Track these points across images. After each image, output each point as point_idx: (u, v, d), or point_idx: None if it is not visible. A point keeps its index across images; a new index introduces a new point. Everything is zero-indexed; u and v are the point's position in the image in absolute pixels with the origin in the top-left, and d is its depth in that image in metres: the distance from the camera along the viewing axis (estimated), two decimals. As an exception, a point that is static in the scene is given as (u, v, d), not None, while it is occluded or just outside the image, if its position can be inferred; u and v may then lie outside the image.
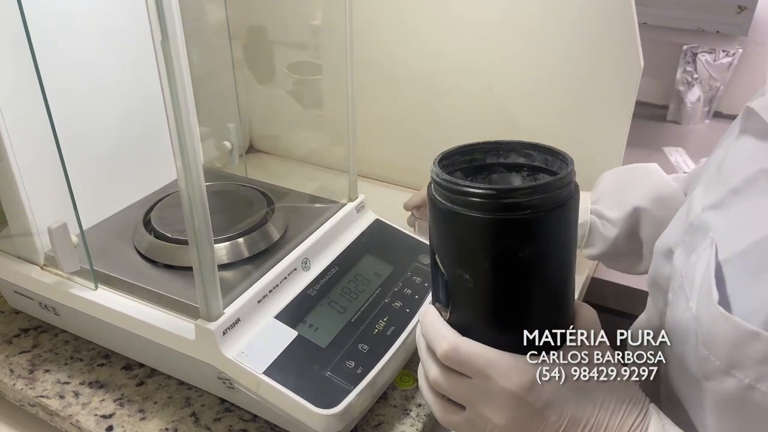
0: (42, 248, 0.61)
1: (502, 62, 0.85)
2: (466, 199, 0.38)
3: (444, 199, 0.40)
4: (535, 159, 0.44)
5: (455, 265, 0.41)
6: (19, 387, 0.59)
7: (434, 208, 0.41)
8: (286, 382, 0.51)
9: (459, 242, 0.41)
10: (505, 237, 0.39)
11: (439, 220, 0.41)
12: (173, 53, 0.40)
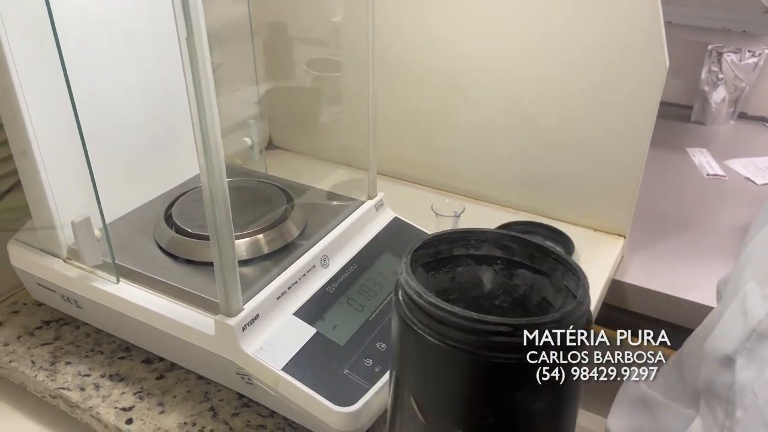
0: (65, 241, 0.61)
1: (523, 60, 0.85)
2: (470, 338, 0.29)
3: (433, 331, 0.31)
4: (515, 253, 0.37)
5: (444, 417, 0.32)
6: (40, 379, 0.60)
7: (415, 338, 0.32)
8: (305, 379, 0.51)
9: (456, 390, 0.32)
10: (525, 384, 0.30)
11: (425, 357, 0.32)
12: (198, 49, 0.40)
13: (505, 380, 0.31)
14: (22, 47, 0.54)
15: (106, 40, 0.63)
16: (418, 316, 0.31)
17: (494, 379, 0.31)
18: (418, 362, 0.33)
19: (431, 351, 0.31)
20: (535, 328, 0.30)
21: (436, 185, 1.00)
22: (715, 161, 1.19)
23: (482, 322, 0.30)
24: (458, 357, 0.30)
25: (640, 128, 0.81)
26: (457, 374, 0.31)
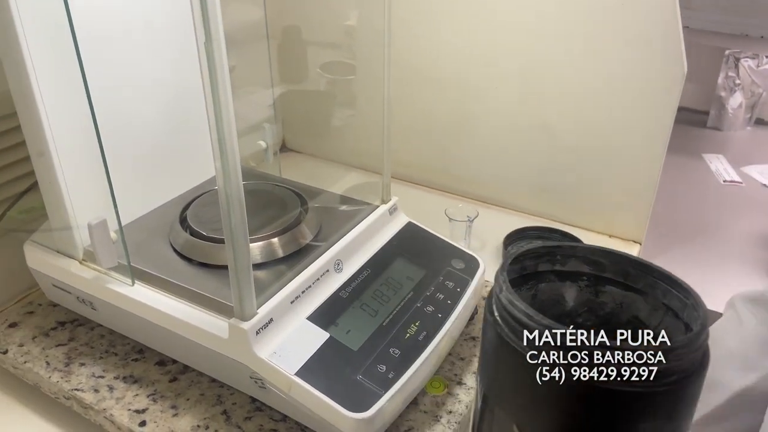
0: (81, 243, 0.62)
1: (541, 65, 0.84)
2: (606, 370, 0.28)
3: (543, 358, 0.29)
4: (606, 269, 0.36)
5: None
6: (54, 380, 0.60)
7: (525, 367, 0.30)
8: (318, 384, 0.51)
9: (576, 419, 0.30)
10: (649, 414, 0.29)
11: (537, 387, 0.30)
12: (216, 54, 0.40)
13: (629, 410, 0.29)
14: (41, 49, 0.54)
15: (123, 42, 0.63)
16: (522, 330, 0.30)
17: (620, 409, 0.29)
18: (526, 391, 0.31)
19: (542, 382, 0.30)
20: (662, 350, 0.28)
21: (450, 189, 0.99)
22: (731, 167, 1.18)
23: (614, 349, 0.28)
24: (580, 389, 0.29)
25: (657, 134, 0.80)
26: (578, 406, 0.30)
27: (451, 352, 0.63)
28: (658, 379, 0.28)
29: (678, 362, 0.29)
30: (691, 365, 0.29)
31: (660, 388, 0.28)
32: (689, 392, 0.29)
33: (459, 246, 0.69)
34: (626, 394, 0.28)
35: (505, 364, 0.33)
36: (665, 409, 0.29)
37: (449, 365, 0.62)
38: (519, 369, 0.32)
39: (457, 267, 0.66)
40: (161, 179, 0.71)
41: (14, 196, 0.69)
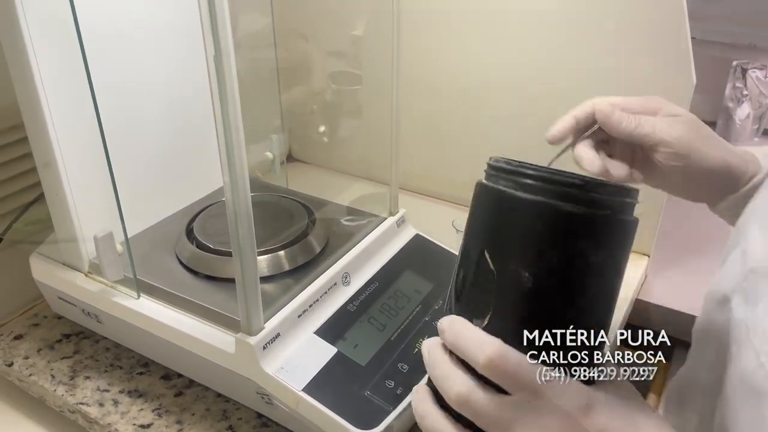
0: (87, 255, 0.61)
1: (547, 75, 0.84)
2: (552, 188, 0.37)
3: (517, 186, 0.39)
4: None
5: (514, 262, 0.38)
6: (59, 393, 0.59)
7: (501, 198, 0.39)
8: (325, 401, 0.50)
9: (528, 236, 0.38)
10: (585, 237, 0.37)
11: (505, 210, 0.39)
12: (226, 68, 0.40)
13: (571, 228, 0.38)
14: (48, 61, 0.54)
15: (130, 53, 0.63)
16: (504, 179, 0.39)
17: (563, 226, 0.37)
18: (494, 222, 0.40)
19: (511, 205, 0.39)
20: (601, 185, 0.39)
21: (458, 200, 0.99)
22: (739, 179, 1.18)
23: (560, 174, 0.38)
24: (536, 207, 0.37)
25: (666, 146, 0.79)
26: (533, 222, 0.38)
27: (460, 366, 0.62)
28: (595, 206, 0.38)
29: (608, 198, 0.38)
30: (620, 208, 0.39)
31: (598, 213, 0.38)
32: (618, 229, 0.39)
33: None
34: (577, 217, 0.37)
35: (482, 207, 0.42)
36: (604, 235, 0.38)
37: (458, 380, 0.61)
38: (490, 206, 0.41)
39: (465, 280, 0.65)
40: (168, 191, 0.70)
41: (20, 208, 0.68)
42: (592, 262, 0.37)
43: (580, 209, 0.37)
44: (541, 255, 0.38)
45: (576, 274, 0.38)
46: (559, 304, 0.38)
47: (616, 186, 0.40)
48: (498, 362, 0.36)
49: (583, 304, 0.39)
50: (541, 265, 0.37)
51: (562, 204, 0.37)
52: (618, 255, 0.39)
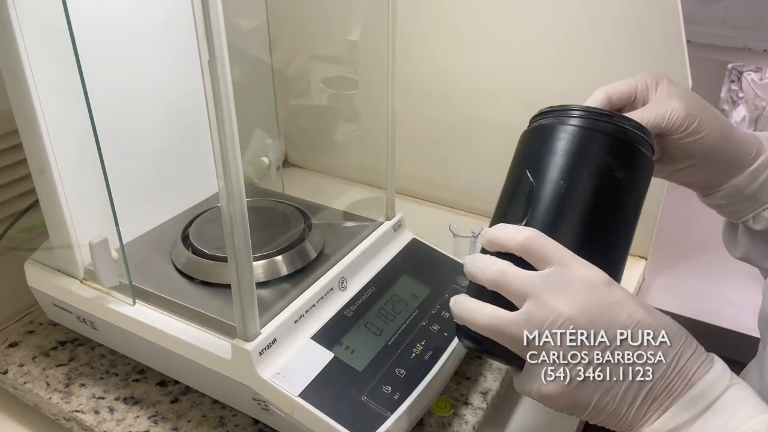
0: (82, 262, 0.61)
1: (544, 79, 0.84)
2: (588, 119, 0.47)
3: (559, 120, 0.48)
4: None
5: (551, 172, 0.46)
6: (54, 401, 0.59)
7: (545, 128, 0.49)
8: (322, 406, 0.50)
9: (566, 152, 0.46)
10: (610, 154, 0.46)
11: (550, 136, 0.48)
12: (220, 73, 0.40)
13: (600, 146, 0.46)
14: (42, 67, 0.54)
15: (125, 58, 0.63)
16: (543, 118, 0.50)
17: (593, 144, 0.47)
18: (536, 147, 0.49)
19: (551, 132, 0.48)
20: (625, 119, 0.48)
21: (454, 204, 0.99)
22: (736, 181, 1.18)
23: (590, 108, 0.49)
24: (571, 130, 0.47)
25: (662, 149, 0.79)
26: (569, 142, 0.47)
27: (458, 371, 0.62)
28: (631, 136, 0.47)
29: (631, 129, 0.47)
30: (640, 141, 0.48)
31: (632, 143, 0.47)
32: (638, 156, 0.47)
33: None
34: (605, 136, 0.47)
35: (543, 135, 0.49)
36: (627, 157, 0.47)
37: (455, 385, 0.61)
38: (540, 137, 0.49)
39: (462, 284, 0.65)
40: (163, 196, 0.70)
41: (15, 215, 0.68)
42: (617, 177, 0.45)
43: (609, 130, 0.46)
44: (575, 166, 0.46)
45: (602, 185, 0.46)
46: (587, 210, 0.45)
47: (637, 123, 0.47)
48: (532, 240, 0.42)
49: (605, 216, 0.46)
50: (574, 174, 0.46)
51: (592, 128, 0.47)
52: (637, 181, 0.47)
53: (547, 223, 0.45)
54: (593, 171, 0.46)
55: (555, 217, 0.45)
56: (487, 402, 0.60)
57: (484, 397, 0.60)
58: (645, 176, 0.48)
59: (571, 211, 0.45)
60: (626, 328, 0.40)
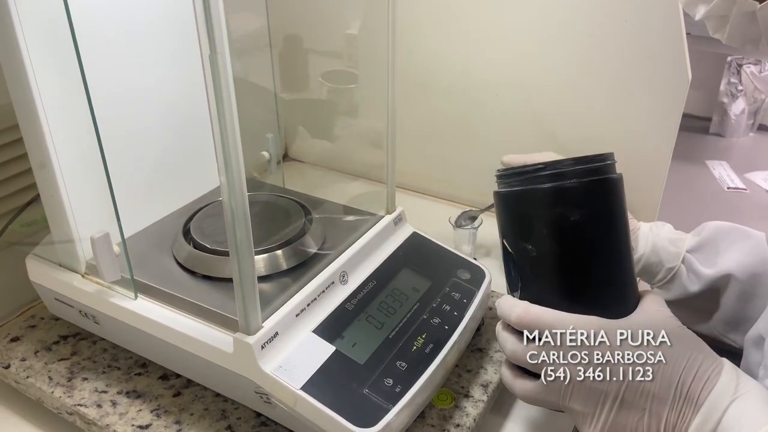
0: (84, 256, 0.61)
1: (543, 74, 0.84)
2: (525, 178, 0.47)
3: (507, 186, 0.48)
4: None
5: (519, 240, 0.47)
6: (57, 395, 0.59)
7: (499, 197, 0.50)
8: (324, 399, 0.50)
9: (520, 217, 0.48)
10: (556, 205, 0.45)
11: (504, 205, 0.49)
12: (221, 67, 0.40)
13: (544, 200, 0.46)
14: (42, 61, 0.54)
15: (125, 53, 0.63)
16: (498, 183, 0.50)
17: (538, 201, 0.46)
18: (500, 214, 0.50)
19: (506, 199, 0.49)
20: (559, 162, 0.47)
21: (455, 199, 0.99)
22: (735, 174, 1.18)
23: (528, 165, 0.47)
24: (514, 194, 0.47)
25: (662, 142, 0.80)
26: (517, 206, 0.48)
27: (459, 364, 0.63)
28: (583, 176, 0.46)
29: (570, 169, 0.46)
30: (583, 174, 0.46)
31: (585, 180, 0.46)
32: (586, 190, 0.46)
33: (465, 256, 0.69)
34: (543, 191, 0.46)
35: (501, 205, 0.50)
36: (574, 198, 0.45)
37: (456, 377, 0.62)
38: (505, 206, 0.50)
39: (463, 278, 0.66)
40: (164, 191, 0.70)
41: (16, 209, 0.68)
42: (575, 221, 0.45)
43: (545, 182, 0.46)
44: (532, 228, 0.46)
45: (565, 235, 0.46)
46: (562, 264, 0.46)
47: (578, 159, 0.46)
48: (522, 318, 0.46)
49: (584, 261, 0.46)
50: (535, 236, 0.46)
51: (532, 186, 0.46)
52: (598, 210, 0.46)
53: (534, 290, 0.47)
54: (550, 226, 0.46)
55: (538, 282, 0.47)
56: (487, 394, 0.60)
57: (485, 389, 0.60)
58: (606, 199, 0.47)
59: (548, 271, 0.47)
60: None
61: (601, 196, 0.47)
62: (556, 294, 0.46)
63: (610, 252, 0.46)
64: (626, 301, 0.47)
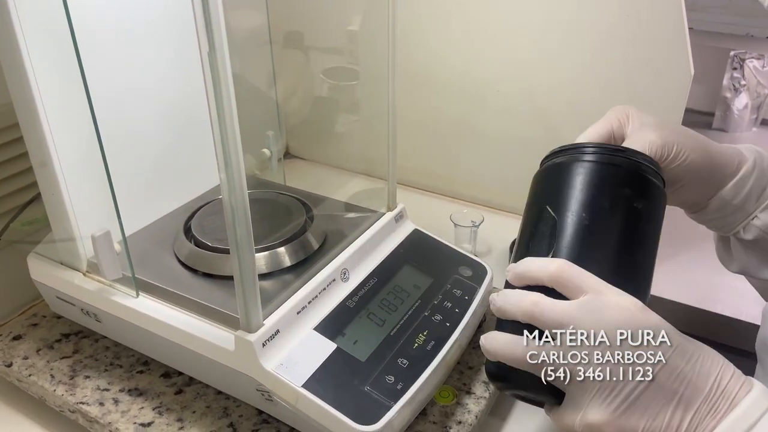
0: (85, 255, 0.61)
1: (545, 69, 0.84)
2: (604, 154, 0.49)
3: (577, 157, 0.49)
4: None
5: (574, 205, 0.47)
6: (59, 393, 0.59)
7: (563, 165, 0.50)
8: (325, 397, 0.50)
9: (586, 186, 0.48)
10: (628, 186, 0.47)
11: (570, 173, 0.49)
12: (220, 65, 0.40)
13: (618, 179, 0.48)
14: (42, 59, 0.54)
15: (125, 50, 0.63)
16: (560, 156, 0.51)
17: (612, 177, 0.48)
18: (556, 184, 0.49)
19: (571, 169, 0.49)
20: (636, 153, 0.49)
21: (455, 195, 0.99)
22: (738, 169, 1.17)
23: (605, 144, 0.51)
24: (591, 165, 0.49)
25: (664, 138, 0.79)
26: (590, 176, 0.48)
27: (460, 361, 0.63)
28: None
29: (643, 162, 0.48)
30: (652, 172, 0.49)
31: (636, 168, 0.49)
32: (653, 187, 0.48)
33: (466, 253, 0.69)
34: (622, 169, 0.48)
35: (567, 173, 0.50)
36: (642, 187, 0.48)
37: (458, 374, 0.62)
38: (560, 176, 0.50)
39: (464, 274, 0.65)
40: (165, 188, 0.70)
41: (17, 208, 0.68)
42: (636, 207, 0.47)
43: (624, 164, 0.48)
44: (596, 200, 0.47)
45: (622, 215, 0.47)
46: (611, 240, 0.46)
47: (648, 157, 0.49)
48: (563, 270, 0.43)
49: (629, 245, 0.47)
50: (596, 207, 0.47)
51: (608, 162, 0.48)
52: (655, 212, 0.48)
53: (574, 254, 0.45)
54: (614, 203, 0.47)
55: (581, 249, 0.46)
56: (489, 391, 0.60)
57: (486, 386, 0.60)
58: (661, 206, 0.49)
59: (596, 241, 0.46)
60: (664, 355, 0.41)
61: (660, 200, 0.49)
62: (594, 263, 0.45)
63: (649, 248, 0.48)
64: (646, 298, 0.47)
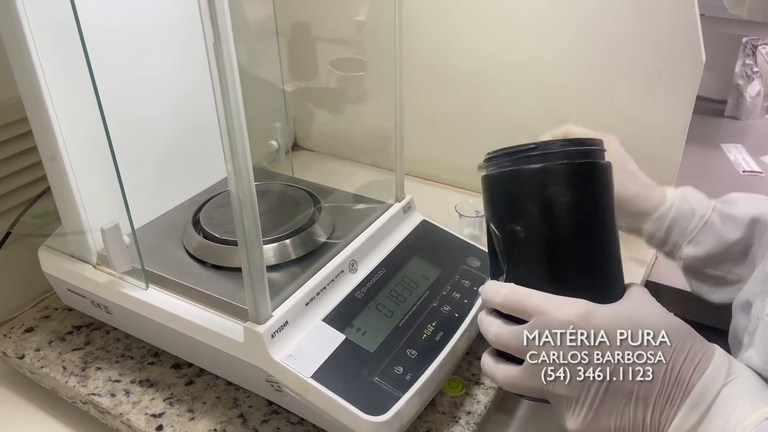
0: (95, 247, 0.62)
1: (554, 58, 0.83)
2: (517, 158, 0.46)
3: (496, 168, 0.47)
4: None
5: (507, 221, 0.46)
6: (71, 384, 0.60)
7: (489, 178, 0.48)
8: (334, 387, 0.51)
9: (510, 198, 0.47)
10: (551, 184, 0.45)
11: (494, 186, 0.48)
12: (225, 56, 0.40)
13: (536, 179, 0.45)
14: (50, 53, 0.54)
15: (132, 43, 0.63)
16: (487, 166, 0.48)
17: (531, 180, 0.45)
18: (487, 197, 0.48)
19: (491, 180, 0.48)
20: (552, 143, 0.46)
21: (465, 186, 0.98)
22: (750, 157, 1.16)
23: (520, 145, 0.46)
24: (507, 175, 0.46)
25: (676, 125, 0.78)
26: (509, 186, 0.47)
27: (469, 351, 0.62)
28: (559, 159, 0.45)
29: (561, 150, 0.45)
30: (575, 156, 0.46)
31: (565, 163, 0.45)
32: (578, 172, 0.46)
33: (475, 243, 0.68)
34: (538, 170, 0.45)
35: (489, 187, 0.49)
36: (567, 179, 0.45)
37: (467, 365, 0.62)
38: (493, 186, 0.48)
39: (473, 265, 0.65)
40: (173, 181, 0.70)
41: (27, 201, 0.69)
42: (565, 201, 0.44)
43: (537, 162, 0.45)
44: (522, 209, 0.45)
45: (556, 215, 0.45)
46: (551, 245, 0.46)
47: (569, 140, 0.46)
48: (508, 298, 0.44)
49: (571, 242, 0.46)
50: (525, 216, 0.45)
51: (523, 165, 0.45)
52: (589, 192, 0.46)
53: (520, 271, 0.46)
54: (542, 206, 0.45)
55: (525, 264, 0.46)
56: (498, 382, 0.60)
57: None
58: (596, 181, 0.46)
59: (536, 252, 0.46)
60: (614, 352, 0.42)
61: (593, 179, 0.46)
62: (543, 277, 0.45)
63: (598, 236, 0.46)
64: (613, 287, 0.46)
